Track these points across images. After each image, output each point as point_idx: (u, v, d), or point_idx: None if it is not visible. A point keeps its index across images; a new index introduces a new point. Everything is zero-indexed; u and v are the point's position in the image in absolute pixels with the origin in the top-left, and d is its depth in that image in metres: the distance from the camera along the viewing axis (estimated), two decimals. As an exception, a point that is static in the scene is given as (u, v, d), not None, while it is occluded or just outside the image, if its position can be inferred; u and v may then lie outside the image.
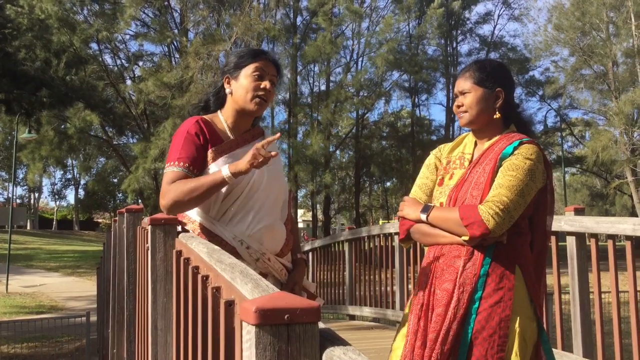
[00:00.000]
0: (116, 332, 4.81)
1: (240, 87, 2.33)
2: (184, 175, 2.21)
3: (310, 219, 41.19)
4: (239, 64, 2.35)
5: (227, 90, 2.37)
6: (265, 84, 2.32)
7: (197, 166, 2.23)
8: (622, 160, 28.64)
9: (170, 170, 2.23)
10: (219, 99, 2.43)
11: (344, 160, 37.50)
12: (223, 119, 2.38)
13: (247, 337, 0.99)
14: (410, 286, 6.48)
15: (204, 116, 2.37)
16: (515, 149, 2.07)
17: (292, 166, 28.88)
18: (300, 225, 51.34)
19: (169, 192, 2.18)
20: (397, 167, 34.63)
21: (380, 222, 40.56)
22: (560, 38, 32.87)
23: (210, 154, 2.26)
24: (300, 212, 44.37)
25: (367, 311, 7.71)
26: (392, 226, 7.11)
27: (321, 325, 1.02)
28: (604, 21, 29.54)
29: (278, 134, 2.22)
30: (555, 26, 33.10)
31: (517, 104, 2.27)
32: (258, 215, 2.27)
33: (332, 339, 1.01)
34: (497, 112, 2.17)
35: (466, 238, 1.99)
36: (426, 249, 2.20)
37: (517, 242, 2.06)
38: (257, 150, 2.08)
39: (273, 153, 2.11)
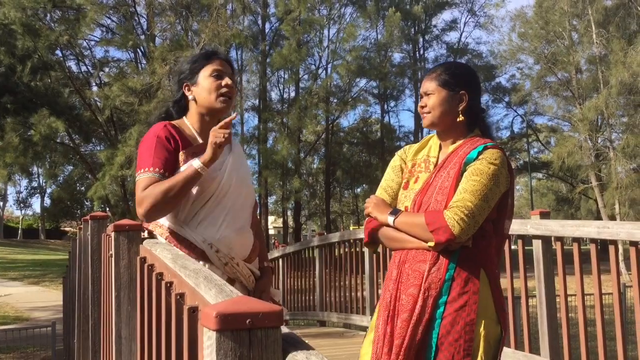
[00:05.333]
0: (81, 342, 4.72)
1: (203, 90, 2.33)
2: (158, 181, 2.17)
3: (281, 225, 41.07)
4: (195, 69, 2.37)
5: (190, 97, 2.37)
6: (226, 81, 2.34)
7: (170, 170, 2.20)
8: (586, 165, 29.16)
9: (144, 176, 2.19)
10: (181, 108, 2.42)
11: (314, 166, 37.53)
12: (189, 124, 2.37)
13: (208, 343, 0.97)
14: (380, 291, 6.49)
15: (172, 122, 2.35)
16: (479, 153, 2.07)
17: (260, 172, 28.76)
18: (271, 232, 51.09)
19: (146, 198, 2.15)
20: (366, 173, 34.78)
21: (351, 227, 40.66)
22: (524, 46, 33.41)
23: (181, 156, 2.23)
24: (271, 218, 44.18)
25: (337, 317, 7.70)
26: (362, 232, 7.10)
27: (284, 329, 1.00)
28: (566, 29, 30.07)
29: (234, 114, 2.26)
30: (519, 35, 33.64)
31: (483, 108, 2.28)
32: (227, 219, 2.25)
33: (295, 344, 1.00)
34: (460, 115, 2.17)
35: (432, 244, 1.99)
36: (393, 253, 2.19)
37: (482, 246, 2.06)
38: (215, 131, 2.14)
39: (233, 115, 2.22)
